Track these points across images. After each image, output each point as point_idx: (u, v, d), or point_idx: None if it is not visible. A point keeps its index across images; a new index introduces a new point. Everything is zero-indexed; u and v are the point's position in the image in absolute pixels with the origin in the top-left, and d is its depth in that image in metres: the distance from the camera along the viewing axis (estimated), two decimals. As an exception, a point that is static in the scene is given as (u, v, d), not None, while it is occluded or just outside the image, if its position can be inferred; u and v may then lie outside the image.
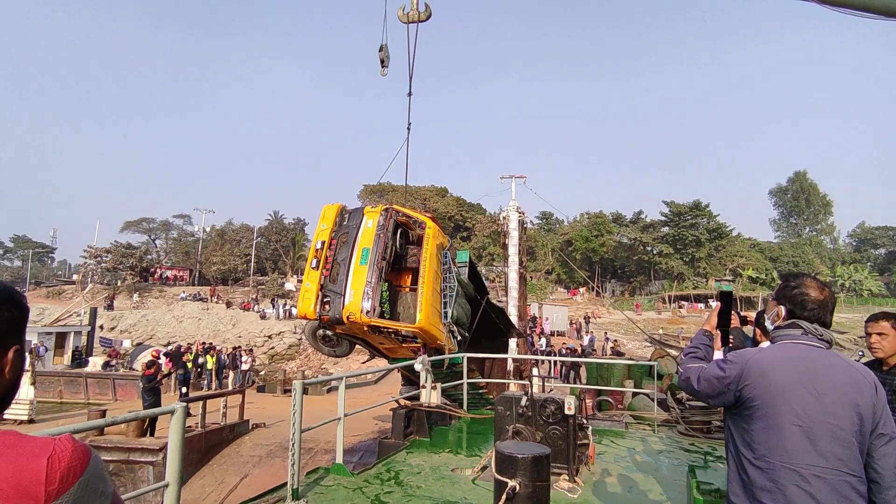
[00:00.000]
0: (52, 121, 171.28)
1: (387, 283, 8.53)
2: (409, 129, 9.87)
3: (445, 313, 8.93)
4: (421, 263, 8.65)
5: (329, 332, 8.67)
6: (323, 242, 8.53)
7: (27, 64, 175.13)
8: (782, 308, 2.20)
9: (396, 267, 9.06)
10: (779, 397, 1.96)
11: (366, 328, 8.03)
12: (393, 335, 8.25)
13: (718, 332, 2.58)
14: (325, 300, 8.06)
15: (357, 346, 9.62)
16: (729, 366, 2.12)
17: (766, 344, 3.30)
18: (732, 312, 2.65)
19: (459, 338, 9.44)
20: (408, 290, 9.02)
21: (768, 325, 2.27)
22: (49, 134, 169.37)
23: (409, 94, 9.17)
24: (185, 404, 3.99)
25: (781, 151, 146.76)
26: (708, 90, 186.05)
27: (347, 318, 7.84)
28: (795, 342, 2.10)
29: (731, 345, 3.15)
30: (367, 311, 7.81)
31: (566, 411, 5.29)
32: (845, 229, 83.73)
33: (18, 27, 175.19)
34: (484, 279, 13.80)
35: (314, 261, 8.35)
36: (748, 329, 4.54)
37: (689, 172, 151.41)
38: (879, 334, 3.21)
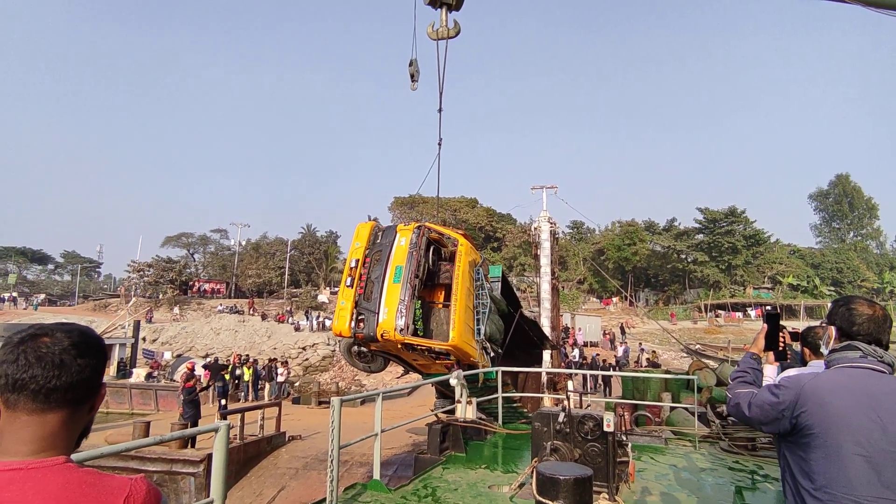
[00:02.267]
0: (98, 142, 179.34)
1: (420, 301, 8.58)
2: (440, 144, 9.91)
3: (478, 330, 8.92)
4: (453, 281, 8.67)
5: (364, 349, 8.72)
6: (357, 261, 8.64)
7: (73, 82, 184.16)
8: (832, 329, 2.13)
9: (429, 283, 9.08)
10: (839, 425, 1.88)
11: (399, 345, 8.08)
12: (426, 352, 8.28)
13: (770, 351, 2.53)
14: (360, 318, 8.16)
15: (391, 361, 9.68)
16: (783, 391, 2.04)
17: (816, 363, 3.19)
18: (781, 332, 2.59)
19: (493, 354, 9.40)
20: (441, 306, 9.03)
21: (823, 350, 2.19)
22: (96, 155, 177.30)
23: (440, 111, 9.18)
24: (227, 423, 4.10)
25: (820, 154, 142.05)
26: (743, 93, 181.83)
27: (381, 335, 7.92)
28: (854, 366, 2.00)
29: (787, 360, 3.06)
30: (401, 329, 7.87)
31: (605, 428, 5.21)
32: (893, 233, 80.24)
33: (59, 48, 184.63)
34: (515, 290, 13.73)
35: (348, 279, 8.47)
36: (795, 346, 4.40)
37: (723, 178, 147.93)
38: None
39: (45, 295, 62.53)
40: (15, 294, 57.62)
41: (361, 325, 8.12)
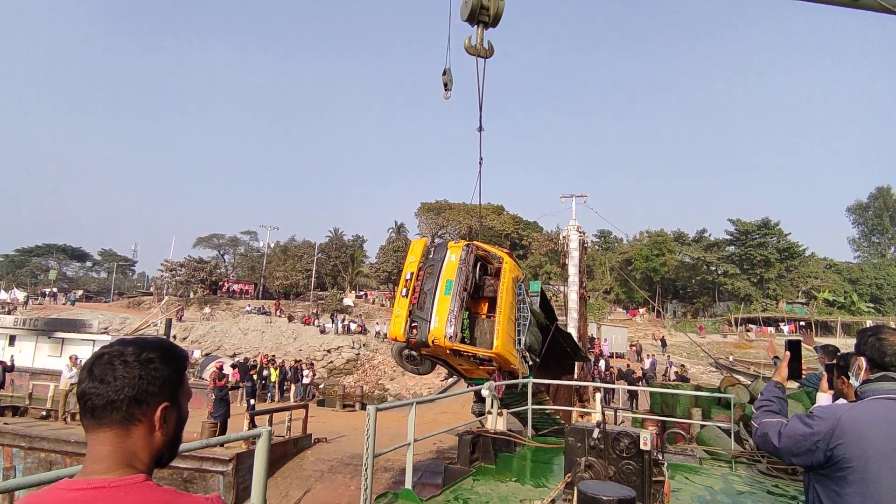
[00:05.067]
0: (136, 145, 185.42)
1: (467, 312, 9.20)
2: (480, 163, 10.06)
3: (519, 340, 9.53)
4: (498, 295, 9.30)
5: (414, 353, 9.40)
6: (412, 273, 9.33)
7: (116, 90, 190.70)
8: (863, 360, 2.09)
9: (476, 296, 9.72)
10: (879, 460, 1.83)
11: (448, 351, 8.67)
12: (471, 358, 8.84)
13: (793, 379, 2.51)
14: (413, 325, 8.81)
15: (438, 364, 10.28)
16: (817, 422, 1.98)
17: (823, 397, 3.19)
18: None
19: (531, 363, 10.02)
20: (485, 317, 9.65)
21: (854, 381, 2.15)
22: (134, 157, 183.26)
23: (480, 129, 9.03)
24: (269, 429, 4.17)
25: (860, 166, 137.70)
26: (780, 103, 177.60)
27: (433, 341, 8.52)
28: (890, 398, 1.95)
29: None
30: (450, 336, 8.45)
31: (642, 446, 5.12)
32: (938, 250, 76.71)
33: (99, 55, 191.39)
34: (545, 300, 14.00)
35: (403, 290, 9.18)
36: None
37: (757, 190, 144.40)
38: None
39: (83, 291, 64.60)
40: (55, 290, 59.72)
41: (415, 331, 8.77)
